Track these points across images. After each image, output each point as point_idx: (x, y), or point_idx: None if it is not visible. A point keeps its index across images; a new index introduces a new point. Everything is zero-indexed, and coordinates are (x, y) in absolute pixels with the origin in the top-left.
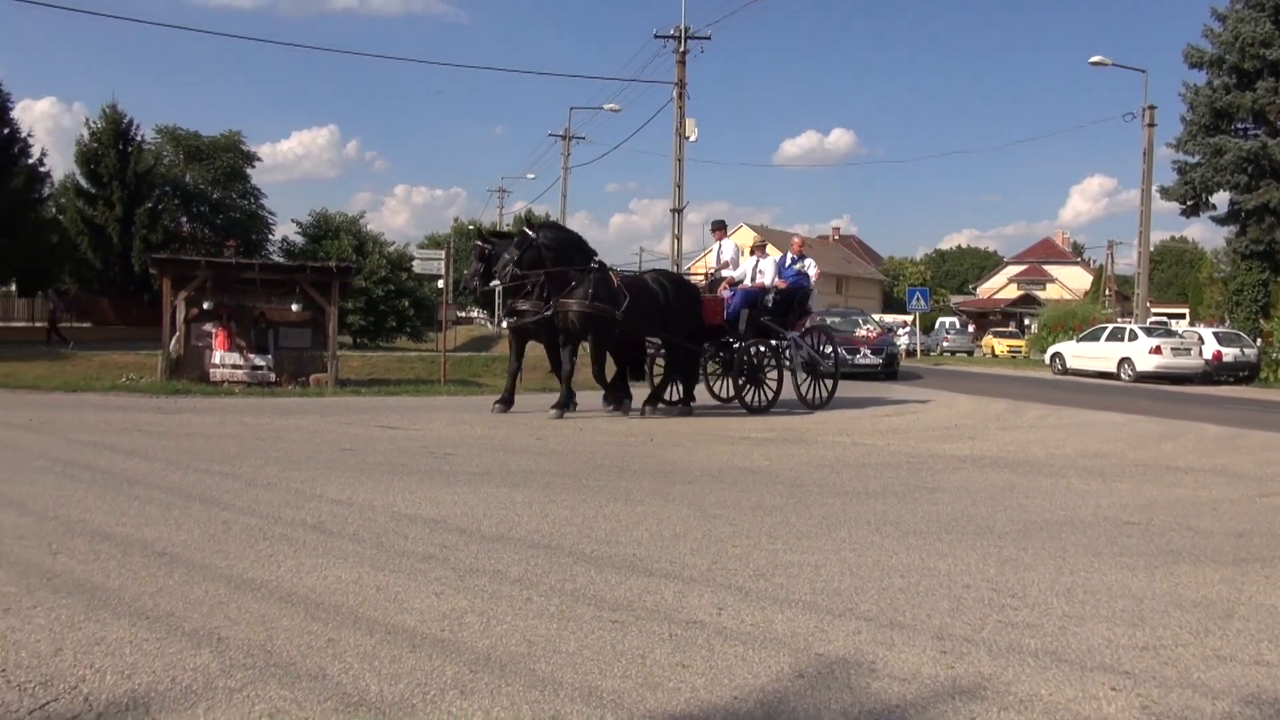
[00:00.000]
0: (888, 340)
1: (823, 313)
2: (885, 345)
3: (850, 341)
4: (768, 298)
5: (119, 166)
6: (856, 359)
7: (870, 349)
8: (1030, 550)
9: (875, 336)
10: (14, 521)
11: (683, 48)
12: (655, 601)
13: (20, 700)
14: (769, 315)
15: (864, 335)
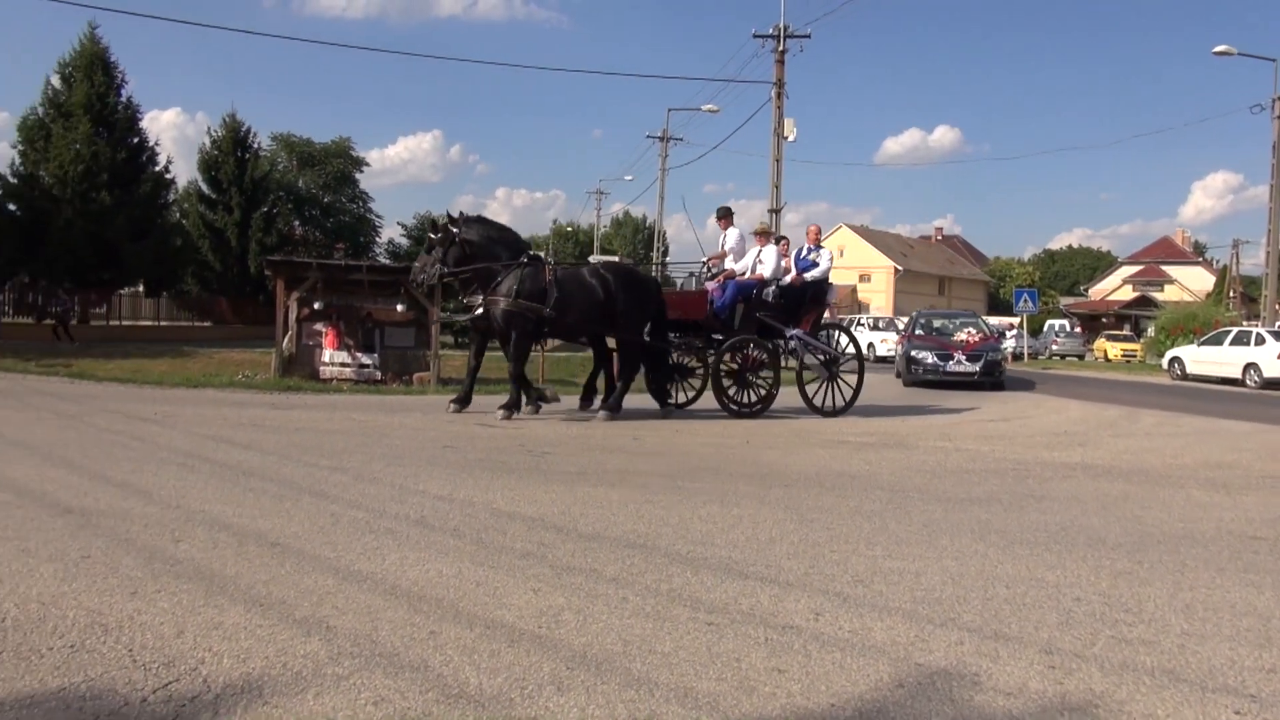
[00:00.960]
0: (990, 346)
1: (926, 313)
2: (985, 351)
3: (944, 347)
4: (767, 291)
5: (237, 173)
6: (949, 366)
7: (966, 355)
8: (1146, 564)
9: (976, 341)
10: (141, 510)
11: (781, 47)
12: (751, 605)
13: (145, 679)
14: (769, 310)
15: (962, 340)
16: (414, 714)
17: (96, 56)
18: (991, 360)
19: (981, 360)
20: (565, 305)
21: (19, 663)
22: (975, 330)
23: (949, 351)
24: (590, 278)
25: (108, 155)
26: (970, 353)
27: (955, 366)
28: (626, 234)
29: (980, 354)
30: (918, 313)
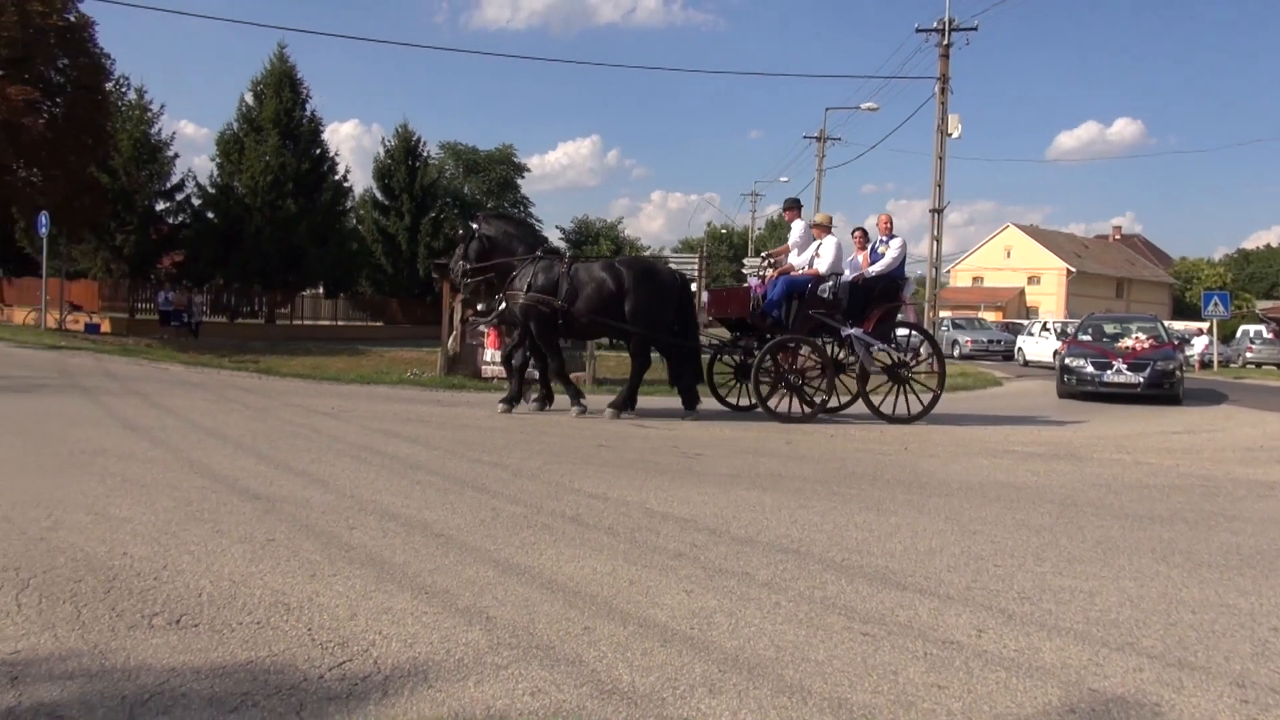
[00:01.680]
0: (1161, 354)
1: (1098, 317)
2: (1153, 359)
3: (1103, 354)
4: (825, 287)
5: (408, 180)
6: (1106, 376)
7: (1127, 363)
8: None
9: (1144, 348)
10: (320, 498)
11: (946, 41)
12: (909, 617)
13: (322, 657)
14: (826, 308)
15: (1127, 346)
16: (569, 707)
17: (284, 74)
18: (1160, 370)
19: (1147, 370)
20: (576, 298)
21: (213, 635)
22: (1147, 335)
23: (1107, 359)
24: (602, 271)
25: (293, 166)
26: (1133, 361)
27: (1113, 376)
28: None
29: (1146, 362)
30: (1089, 315)
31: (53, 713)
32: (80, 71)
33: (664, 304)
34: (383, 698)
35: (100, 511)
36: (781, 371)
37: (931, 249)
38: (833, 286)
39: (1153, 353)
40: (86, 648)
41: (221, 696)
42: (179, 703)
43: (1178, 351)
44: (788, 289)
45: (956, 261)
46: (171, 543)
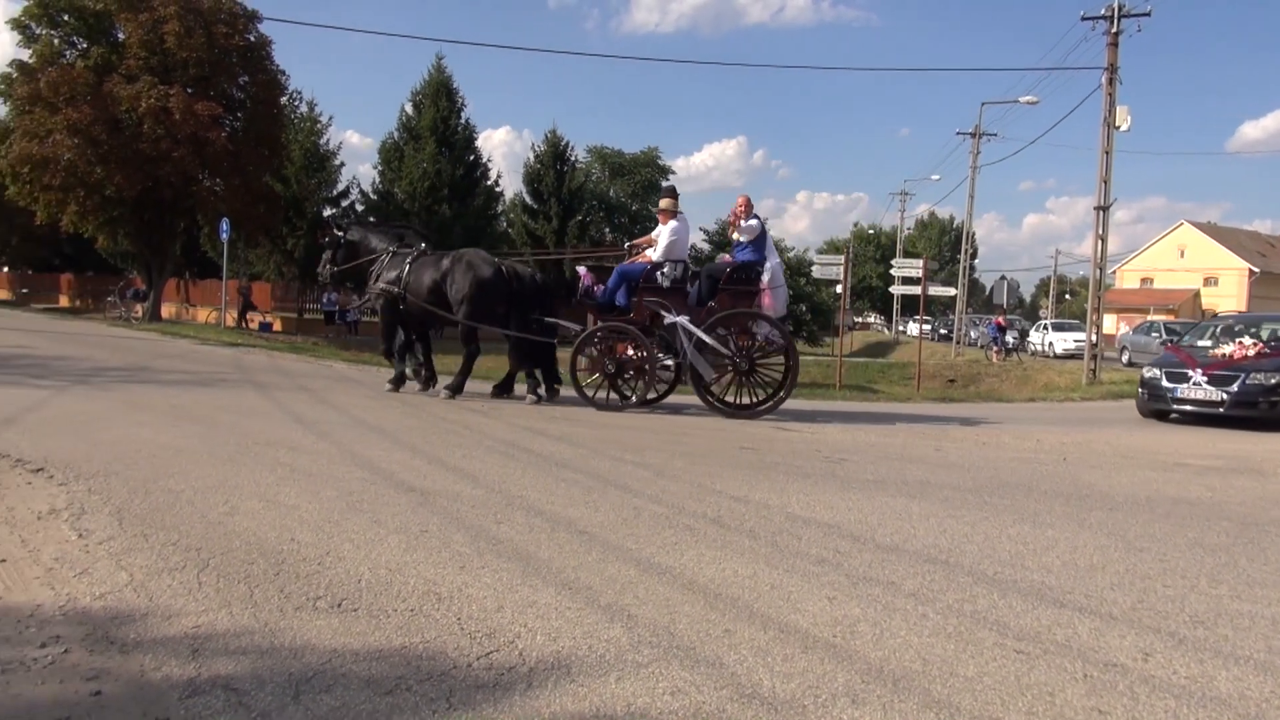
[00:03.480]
0: (1269, 364)
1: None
2: (1252, 370)
3: (1186, 363)
4: (662, 273)
5: (556, 184)
6: (1179, 390)
7: (1208, 375)
8: None
9: (1245, 356)
10: (470, 492)
11: (1115, 28)
12: (1067, 636)
13: (471, 647)
14: (660, 295)
15: (1225, 354)
16: (709, 709)
17: (442, 84)
18: (1255, 385)
19: (1235, 384)
20: (408, 286)
21: (370, 620)
22: (1251, 340)
23: (1187, 369)
24: (433, 262)
25: (448, 172)
26: (1218, 372)
27: (1189, 391)
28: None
29: (1235, 374)
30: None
31: (228, 685)
32: (259, 87)
33: (485, 295)
34: (527, 689)
35: (271, 499)
36: (602, 359)
37: (1095, 248)
38: (670, 272)
39: (1256, 362)
40: (258, 626)
41: (378, 679)
42: (339, 682)
43: None
44: (621, 276)
45: (1123, 262)
46: (334, 530)
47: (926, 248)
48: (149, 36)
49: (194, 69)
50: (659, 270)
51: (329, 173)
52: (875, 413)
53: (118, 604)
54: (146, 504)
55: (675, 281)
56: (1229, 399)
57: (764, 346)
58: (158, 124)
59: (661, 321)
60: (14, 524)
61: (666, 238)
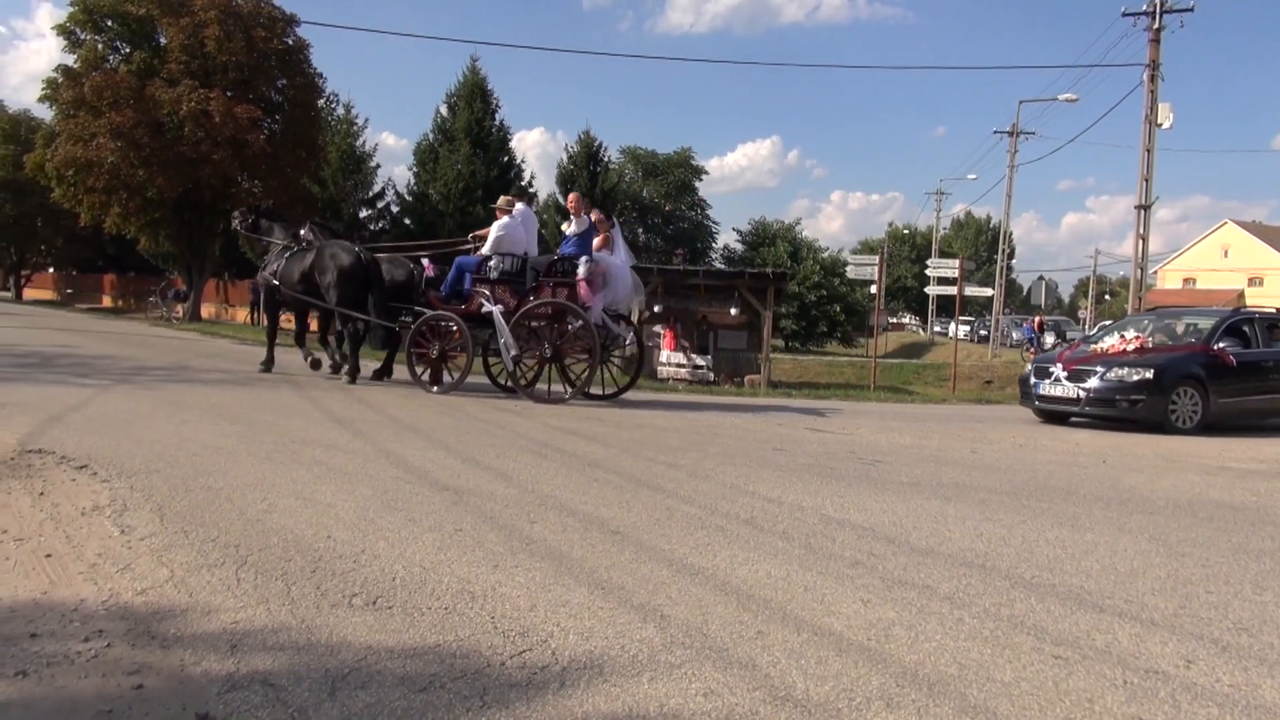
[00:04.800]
0: (1137, 360)
1: (1163, 311)
2: (1114, 366)
3: (1059, 359)
4: (489, 265)
5: (589, 185)
6: (1042, 387)
7: (1070, 371)
8: None
9: (1119, 350)
10: (503, 492)
11: (1157, 24)
12: (1106, 642)
13: (504, 645)
14: (490, 286)
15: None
16: (742, 711)
17: (476, 86)
18: (1113, 382)
19: (1093, 380)
20: (281, 277)
21: (405, 617)
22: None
23: (1049, 365)
24: (303, 253)
25: (483, 173)
26: (1077, 369)
27: (1049, 388)
28: (968, 235)
29: (1093, 371)
30: (1158, 309)
31: (266, 680)
32: (296, 90)
33: (346, 282)
34: (560, 688)
35: (307, 497)
36: (426, 346)
37: (1136, 248)
38: (498, 265)
39: (1124, 357)
40: (295, 622)
41: (412, 676)
42: (375, 679)
43: (1205, 355)
44: (458, 268)
45: (1166, 261)
46: (369, 528)
47: (963, 248)
48: (190, 41)
49: (233, 72)
50: (487, 263)
51: (365, 174)
52: (910, 414)
53: (159, 599)
54: (187, 501)
55: (505, 274)
56: (1086, 396)
57: (573, 337)
58: (198, 127)
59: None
60: (59, 520)
61: (494, 233)
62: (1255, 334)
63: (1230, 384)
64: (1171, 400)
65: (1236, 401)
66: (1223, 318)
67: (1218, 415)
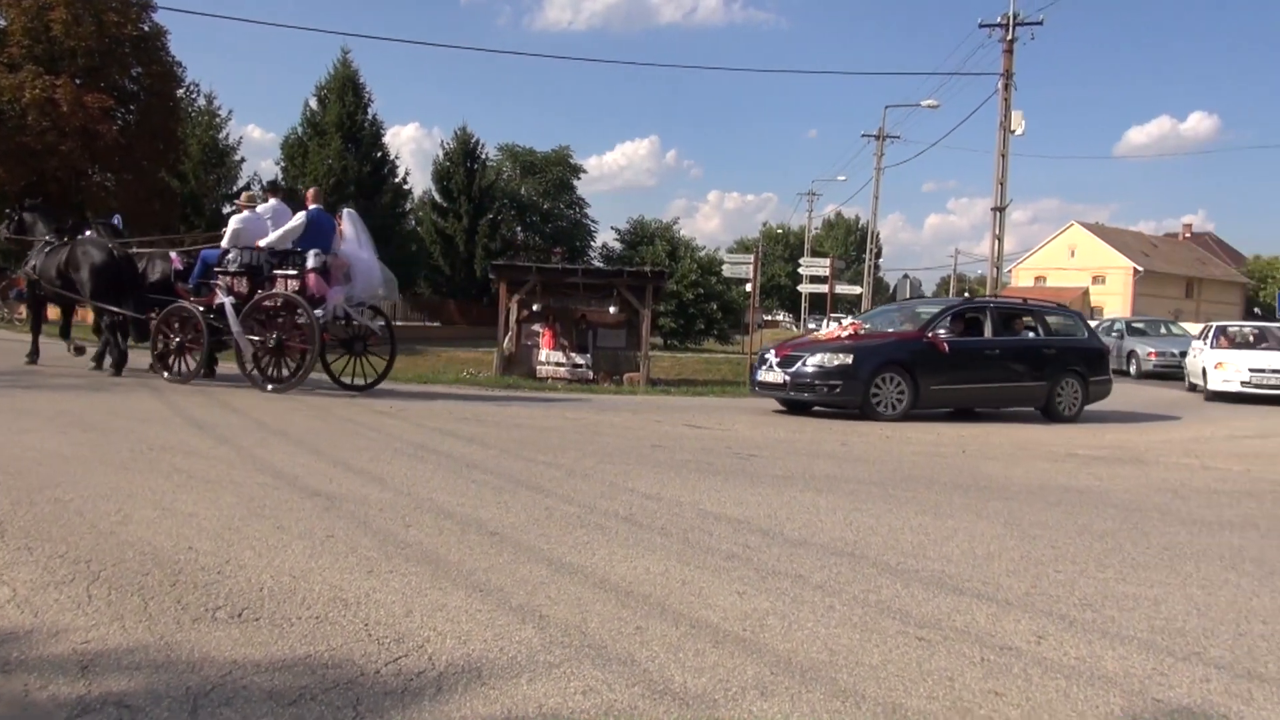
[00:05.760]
0: (840, 346)
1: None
2: (818, 351)
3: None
4: (228, 259)
5: (466, 182)
6: (759, 374)
7: (781, 357)
8: None
9: (834, 337)
10: (377, 496)
11: (1010, 35)
12: (966, 622)
13: (379, 652)
14: (230, 277)
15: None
16: (621, 707)
17: (348, 79)
18: (813, 368)
19: (796, 365)
20: (40, 272)
21: (273, 629)
22: (859, 322)
23: (767, 353)
24: (59, 249)
25: (355, 169)
26: (786, 355)
27: (763, 374)
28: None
29: (798, 356)
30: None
31: (120, 702)
32: (153, 79)
33: (100, 277)
34: (437, 694)
35: (167, 507)
36: (167, 337)
37: (993, 247)
38: (235, 258)
39: (830, 344)
40: (153, 639)
41: (281, 690)
42: (240, 695)
43: (918, 343)
44: (203, 262)
45: (1019, 261)
46: (235, 538)
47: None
48: (33, 24)
49: (83, 59)
50: (227, 256)
51: (229, 168)
52: (786, 410)
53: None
54: (31, 515)
55: (245, 267)
56: (789, 381)
57: (295, 327)
58: (43, 116)
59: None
60: None
61: (232, 226)
62: (990, 323)
63: (945, 371)
64: (874, 386)
65: (952, 389)
66: (947, 307)
67: (930, 402)
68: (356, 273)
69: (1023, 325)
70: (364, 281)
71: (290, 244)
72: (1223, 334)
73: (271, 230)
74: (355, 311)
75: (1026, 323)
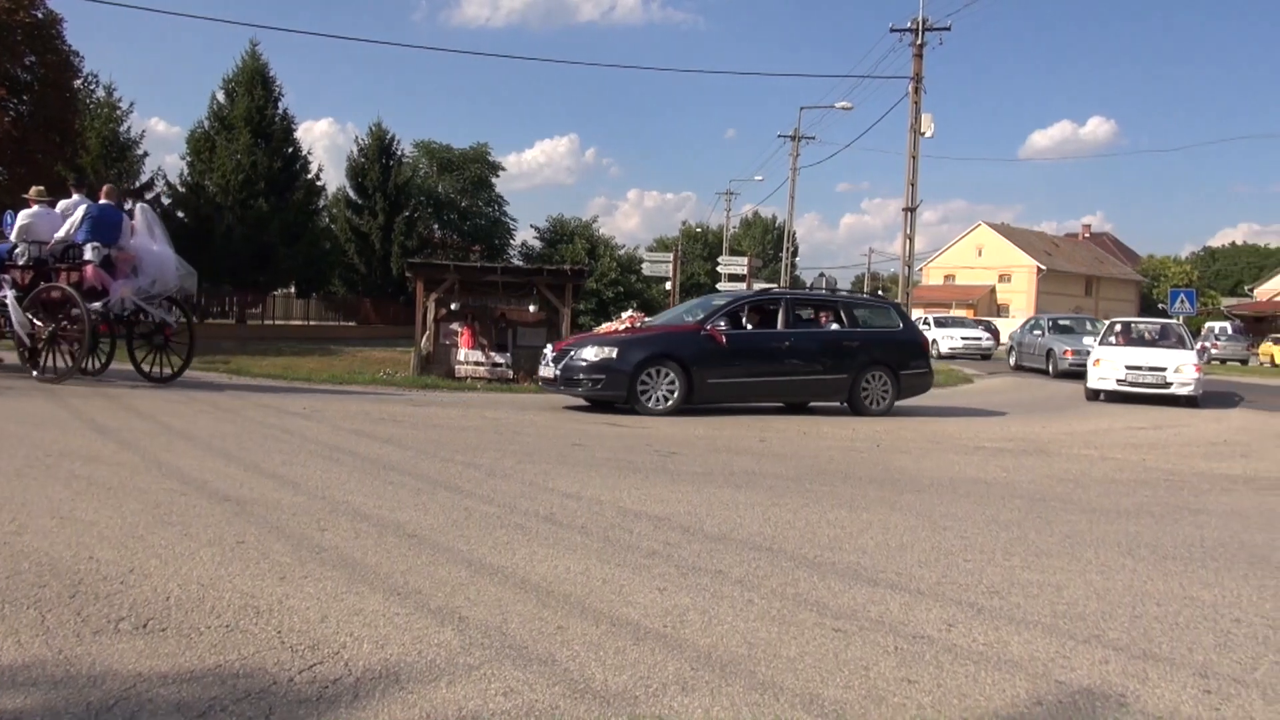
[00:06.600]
0: (606, 340)
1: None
2: (583, 346)
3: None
4: (15, 253)
5: (382, 179)
6: (540, 368)
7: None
8: None
9: (611, 331)
10: (290, 500)
11: (920, 40)
12: (880, 612)
13: (293, 660)
14: (18, 271)
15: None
16: (541, 707)
17: (257, 72)
18: (575, 362)
19: (564, 359)
20: None
21: (181, 639)
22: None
23: (545, 348)
24: None
25: (265, 165)
26: (560, 349)
27: (543, 369)
28: (756, 234)
29: (569, 350)
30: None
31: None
32: (48, 69)
33: None
34: (354, 700)
35: (66, 515)
36: None
37: (904, 247)
38: (25, 252)
39: (600, 337)
40: (51, 654)
41: (189, 702)
42: (145, 708)
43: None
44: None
45: (929, 260)
46: (139, 546)
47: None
48: None
49: None
50: (14, 250)
51: (131, 162)
52: (701, 406)
53: None
54: None
55: (36, 261)
56: (559, 376)
57: (71, 320)
58: None
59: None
60: None
61: (19, 222)
62: (784, 314)
63: (724, 364)
64: (641, 380)
65: (732, 383)
66: (734, 299)
67: (707, 396)
68: (146, 265)
69: (829, 317)
70: (156, 274)
71: (78, 238)
72: (1118, 331)
73: (56, 225)
74: (149, 305)
75: (831, 315)
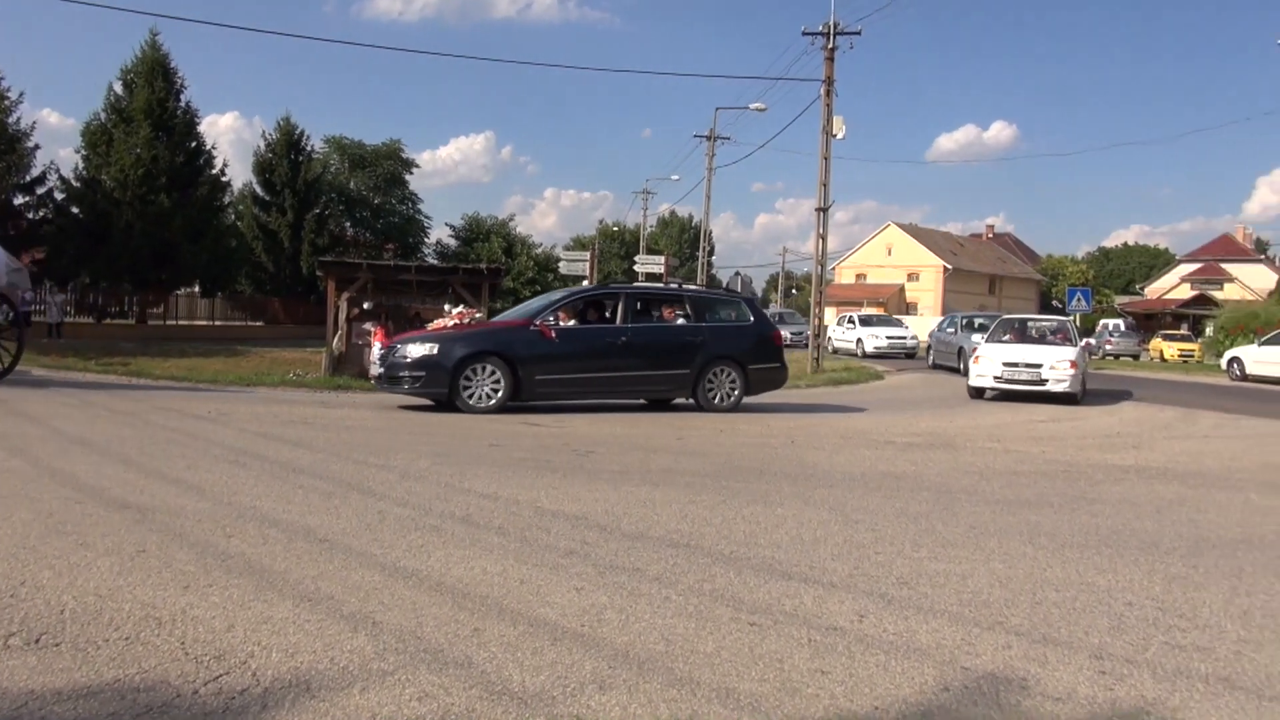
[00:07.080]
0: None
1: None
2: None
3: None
4: None
5: (291, 175)
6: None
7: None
8: (1201, 569)
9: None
10: (194, 506)
11: (831, 44)
12: (794, 605)
13: (197, 672)
14: None
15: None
16: (458, 711)
17: (157, 63)
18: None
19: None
20: None
21: (76, 654)
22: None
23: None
24: None
25: (166, 159)
26: (390, 345)
27: (374, 367)
28: (673, 234)
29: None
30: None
31: None
32: None
33: None
34: (261, 711)
35: None
36: None
37: (817, 246)
38: None
39: (425, 334)
40: None
41: (86, 718)
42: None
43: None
44: None
45: (841, 259)
46: (30, 557)
47: (668, 245)
48: None
49: None
50: None
51: (20, 156)
52: (619, 404)
53: None
54: None
55: None
56: (383, 373)
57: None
58: None
59: None
60: None
61: None
62: (622, 309)
63: (554, 360)
64: (464, 377)
65: (564, 379)
66: (568, 294)
67: (536, 393)
68: None
69: (674, 312)
70: None
71: None
72: (1009, 328)
73: None
74: None
75: (678, 310)
